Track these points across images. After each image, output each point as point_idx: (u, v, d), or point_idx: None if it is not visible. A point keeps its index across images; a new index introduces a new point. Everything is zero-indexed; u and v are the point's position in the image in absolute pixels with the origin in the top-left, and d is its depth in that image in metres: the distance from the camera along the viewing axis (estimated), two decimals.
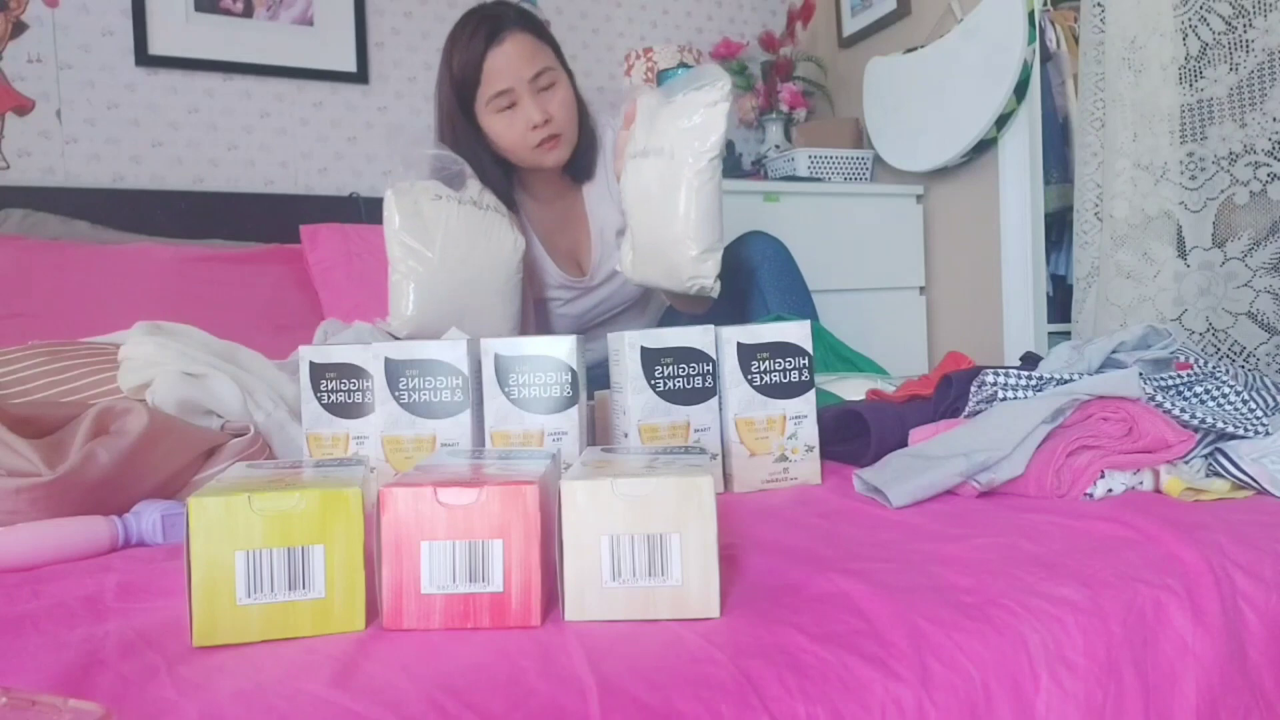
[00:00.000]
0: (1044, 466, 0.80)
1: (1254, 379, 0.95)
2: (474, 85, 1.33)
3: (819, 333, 1.37)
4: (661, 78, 2.26)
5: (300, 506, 0.52)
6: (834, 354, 1.35)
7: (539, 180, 1.46)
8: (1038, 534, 0.68)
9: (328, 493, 0.52)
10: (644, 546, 0.53)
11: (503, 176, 1.43)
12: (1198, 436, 0.82)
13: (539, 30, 1.37)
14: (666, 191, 1.17)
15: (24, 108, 1.92)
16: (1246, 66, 1.51)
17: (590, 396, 1.02)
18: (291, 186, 2.16)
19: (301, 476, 0.57)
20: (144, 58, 2.00)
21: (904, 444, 0.93)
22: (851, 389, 1.17)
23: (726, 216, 1.40)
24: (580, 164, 1.45)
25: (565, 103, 1.36)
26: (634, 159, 1.22)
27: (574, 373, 0.86)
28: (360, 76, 2.21)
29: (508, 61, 1.31)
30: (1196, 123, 1.58)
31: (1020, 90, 2.02)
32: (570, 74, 1.40)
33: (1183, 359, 0.98)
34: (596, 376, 1.19)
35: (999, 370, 0.93)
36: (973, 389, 0.94)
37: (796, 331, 0.91)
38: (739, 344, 0.89)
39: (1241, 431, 0.83)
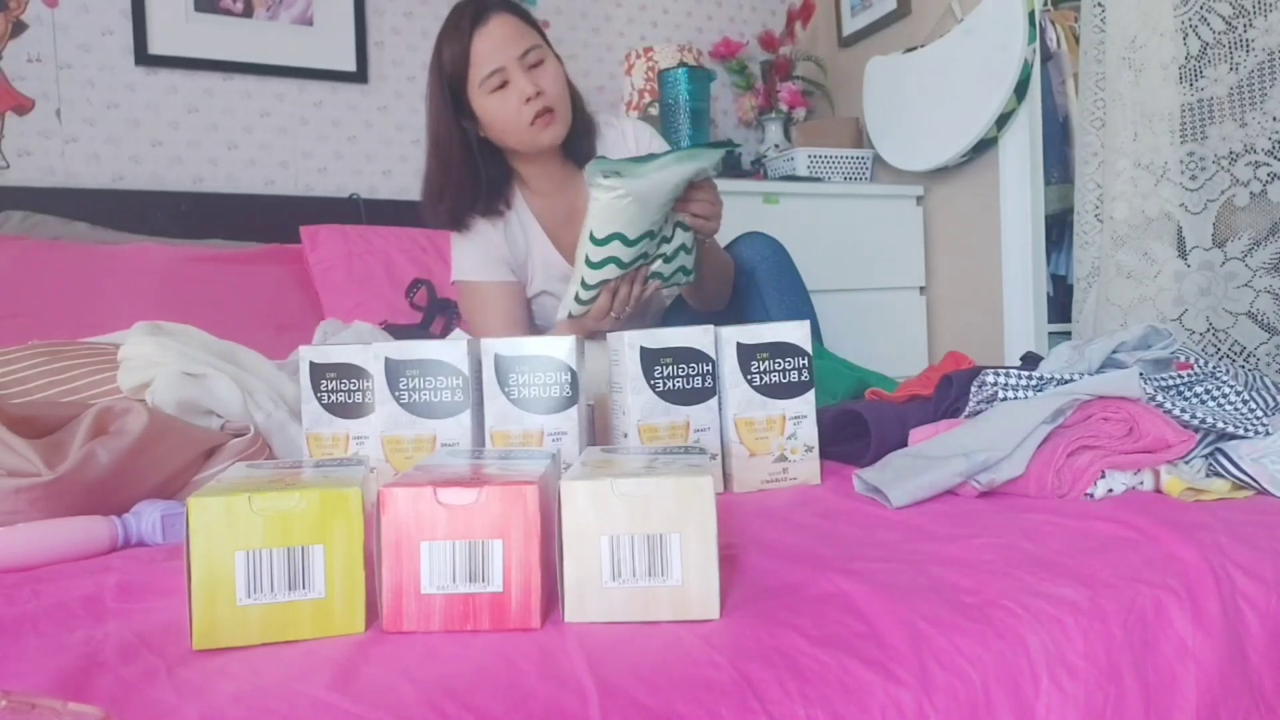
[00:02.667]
0: (1044, 466, 0.80)
1: (1254, 379, 0.95)
2: (464, 71, 1.34)
3: (827, 357, 1.36)
4: (662, 78, 2.26)
5: (300, 506, 0.52)
6: (846, 377, 1.30)
7: (538, 173, 1.46)
8: (1038, 534, 0.68)
9: (328, 493, 0.52)
10: (644, 547, 0.53)
11: (500, 175, 1.43)
12: (1198, 436, 0.82)
13: (523, 13, 1.38)
14: None
15: (24, 107, 1.92)
16: (1247, 66, 1.51)
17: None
18: (291, 186, 2.16)
19: (301, 476, 0.57)
20: (144, 57, 2.00)
21: (904, 444, 0.93)
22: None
23: (726, 217, 1.40)
24: (578, 148, 1.45)
25: (556, 77, 1.37)
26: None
27: (574, 373, 0.86)
28: (360, 76, 2.21)
29: (494, 41, 1.33)
30: (1197, 122, 1.58)
31: (1020, 90, 2.02)
32: (559, 59, 1.41)
33: (1183, 359, 0.98)
34: None
35: (999, 370, 0.93)
36: (973, 389, 0.94)
37: (795, 332, 0.91)
38: (738, 344, 0.89)
39: (1241, 431, 0.83)
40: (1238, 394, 0.89)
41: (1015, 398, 0.90)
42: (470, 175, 1.40)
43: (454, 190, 1.40)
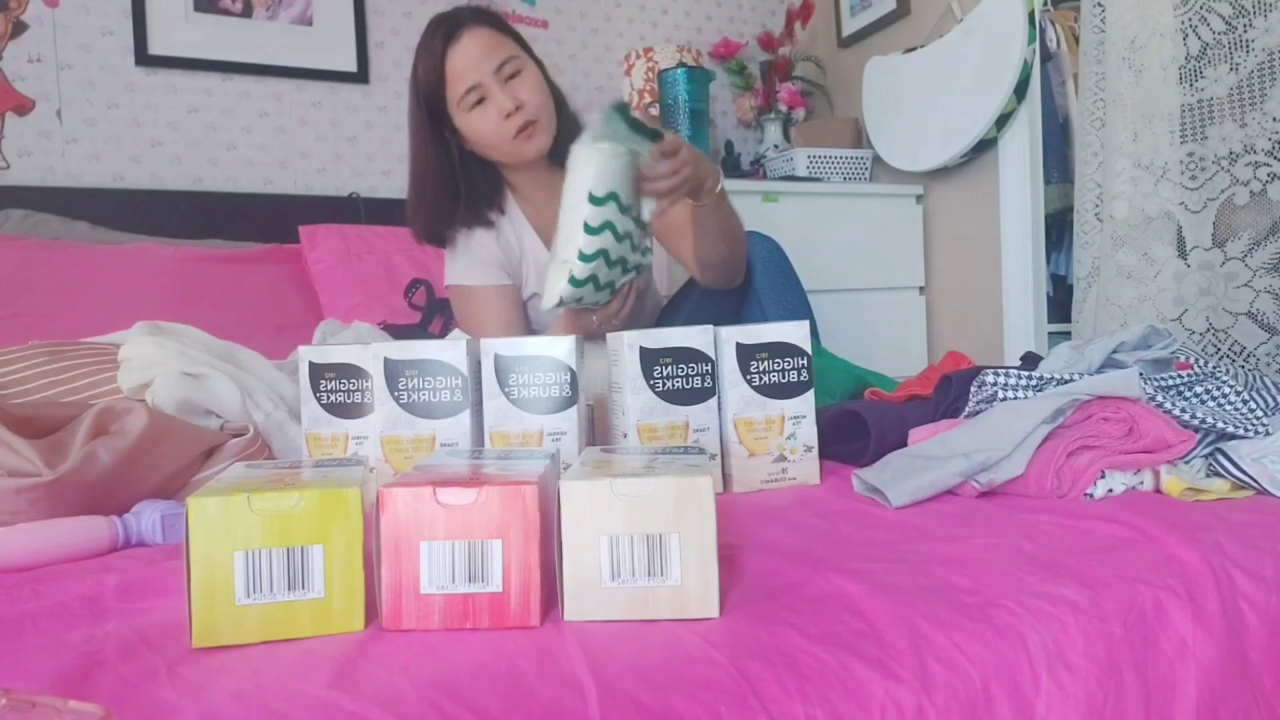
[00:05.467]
0: (1044, 467, 0.80)
1: (1254, 379, 0.95)
2: (440, 89, 1.33)
3: (826, 356, 1.35)
4: (661, 79, 2.26)
5: (299, 506, 0.52)
6: (845, 377, 1.30)
7: (527, 181, 1.45)
8: (1038, 534, 0.68)
9: (327, 493, 0.52)
10: (643, 547, 0.53)
11: (490, 183, 1.43)
12: (1198, 436, 0.82)
13: (497, 23, 1.36)
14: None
15: (24, 108, 1.92)
16: (1246, 66, 1.51)
17: None
18: (291, 186, 2.16)
19: (301, 476, 0.57)
20: (144, 57, 2.00)
21: (904, 444, 0.93)
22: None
23: None
24: (564, 153, 1.43)
25: (535, 87, 1.35)
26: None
27: (573, 373, 0.86)
28: (360, 76, 2.21)
29: (468, 58, 1.31)
30: (1196, 122, 1.58)
31: (1020, 90, 2.02)
32: (540, 63, 1.39)
33: (1183, 359, 0.98)
34: None
35: (999, 370, 0.93)
36: (973, 389, 0.94)
37: (795, 332, 0.91)
38: (738, 344, 0.89)
39: (1241, 431, 0.83)
40: (1238, 394, 0.89)
41: (1015, 398, 0.90)
42: (447, 191, 1.39)
43: (430, 206, 1.40)
